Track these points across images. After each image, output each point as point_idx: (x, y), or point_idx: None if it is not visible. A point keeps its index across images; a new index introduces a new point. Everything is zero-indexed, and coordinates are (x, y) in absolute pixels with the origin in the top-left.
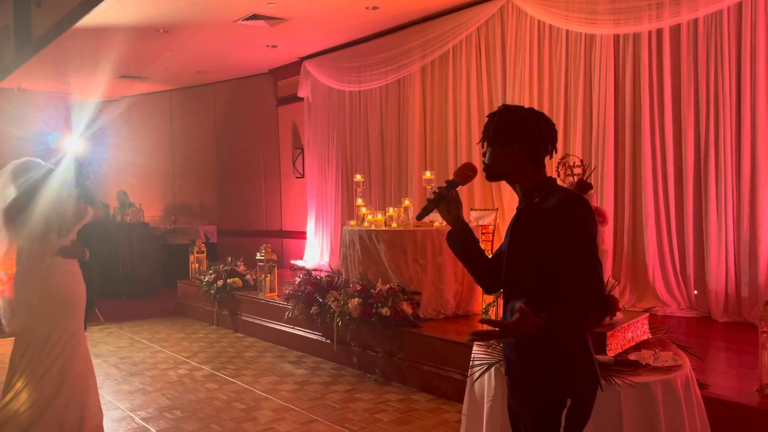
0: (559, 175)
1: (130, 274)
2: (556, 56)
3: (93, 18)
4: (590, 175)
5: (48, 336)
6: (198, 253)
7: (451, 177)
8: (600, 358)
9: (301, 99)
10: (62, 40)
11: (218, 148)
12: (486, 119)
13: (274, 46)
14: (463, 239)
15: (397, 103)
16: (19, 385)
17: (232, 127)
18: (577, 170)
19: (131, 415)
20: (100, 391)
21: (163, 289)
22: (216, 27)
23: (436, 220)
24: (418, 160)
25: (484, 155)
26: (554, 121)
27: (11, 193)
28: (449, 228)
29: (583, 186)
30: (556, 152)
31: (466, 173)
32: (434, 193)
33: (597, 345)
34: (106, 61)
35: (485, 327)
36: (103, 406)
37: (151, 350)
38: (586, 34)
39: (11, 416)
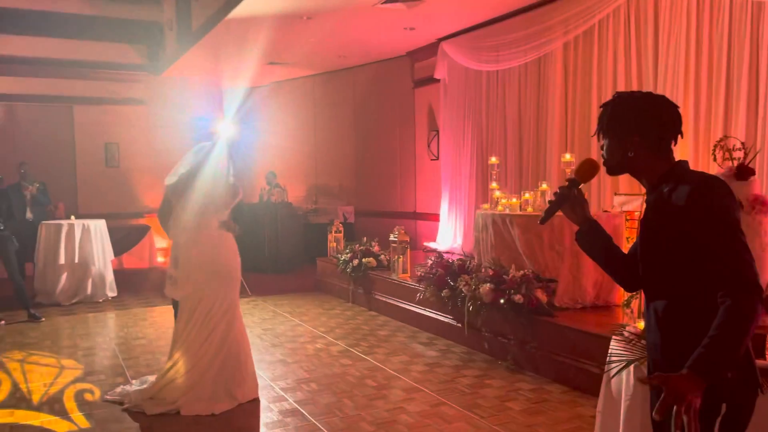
0: (715, 159)
1: (274, 250)
2: (717, 27)
3: (243, 8)
4: (753, 158)
5: (211, 306)
6: (336, 232)
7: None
8: (759, 362)
9: (438, 80)
10: (216, 30)
11: (357, 131)
12: (600, 109)
13: (411, 29)
14: (593, 239)
15: (537, 83)
16: (178, 353)
17: (370, 110)
18: (738, 153)
19: (272, 384)
20: (251, 359)
21: (304, 265)
22: (356, 11)
23: None
24: (558, 142)
25: (601, 148)
26: (713, 99)
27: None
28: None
29: (744, 171)
30: (681, 137)
31: (586, 170)
32: (555, 194)
33: (755, 348)
34: (253, 48)
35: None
36: None
37: (292, 323)
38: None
39: (170, 382)
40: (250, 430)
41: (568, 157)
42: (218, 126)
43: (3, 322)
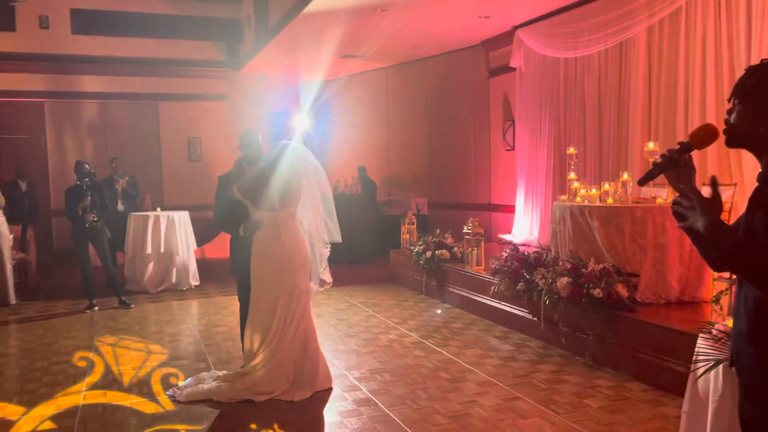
0: None
1: (348, 242)
2: None
3: (318, 3)
4: None
5: (290, 298)
6: (409, 224)
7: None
8: None
9: (513, 69)
10: (292, 26)
11: (430, 122)
12: (744, 72)
13: (486, 17)
14: None
15: (618, 69)
16: (265, 344)
17: (444, 101)
18: None
19: (346, 373)
20: (321, 348)
21: (377, 257)
22: (430, 1)
23: (659, 195)
24: (641, 131)
25: (728, 113)
26: None
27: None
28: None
29: None
30: None
31: (704, 136)
32: (663, 156)
33: None
34: (328, 42)
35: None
36: None
37: (366, 314)
38: None
39: (256, 381)
40: (326, 418)
41: (651, 146)
42: (294, 120)
43: (97, 308)
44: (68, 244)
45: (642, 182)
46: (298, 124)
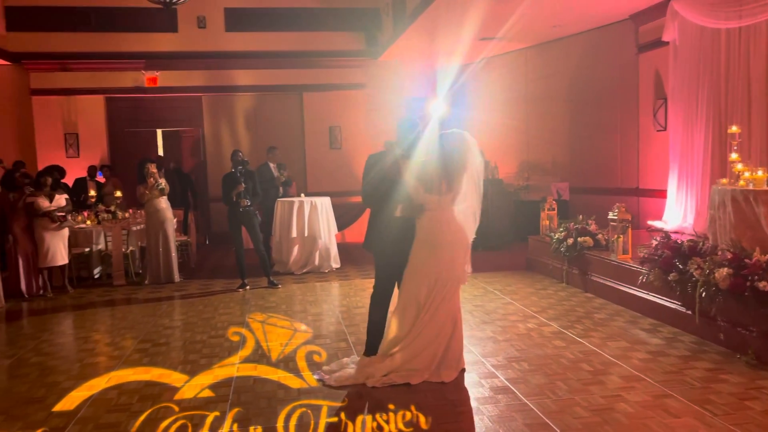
0: None
1: (484, 228)
2: None
3: None
4: None
5: (444, 283)
6: (549, 210)
7: None
8: None
9: (666, 44)
10: (430, 10)
11: (571, 103)
12: None
13: None
14: None
15: None
16: (419, 326)
17: (586, 81)
18: None
19: (482, 360)
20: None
21: (514, 243)
22: None
23: None
24: None
25: None
26: None
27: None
28: None
29: None
30: None
31: None
32: None
33: None
34: (466, 26)
35: None
36: None
37: (502, 301)
38: None
39: (397, 364)
40: (462, 404)
41: None
42: (431, 105)
43: (248, 287)
44: (224, 228)
45: None
46: (435, 109)
